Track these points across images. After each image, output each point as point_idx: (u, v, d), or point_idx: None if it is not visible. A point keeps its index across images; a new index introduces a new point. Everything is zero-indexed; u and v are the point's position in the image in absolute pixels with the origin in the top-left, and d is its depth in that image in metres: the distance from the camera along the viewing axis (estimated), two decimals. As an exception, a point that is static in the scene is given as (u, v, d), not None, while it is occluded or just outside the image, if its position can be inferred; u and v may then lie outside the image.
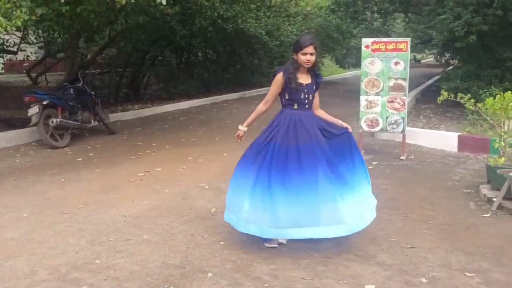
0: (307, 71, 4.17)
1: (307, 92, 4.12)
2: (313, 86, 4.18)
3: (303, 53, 4.04)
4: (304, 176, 3.91)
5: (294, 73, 4.10)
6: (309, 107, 4.18)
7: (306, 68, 4.13)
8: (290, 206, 3.87)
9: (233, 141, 8.77)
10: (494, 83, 10.61)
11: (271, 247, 4.14)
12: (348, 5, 17.28)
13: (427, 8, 13.86)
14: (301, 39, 4.12)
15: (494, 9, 10.07)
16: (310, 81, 4.17)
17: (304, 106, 4.14)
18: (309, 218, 3.86)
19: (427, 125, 9.64)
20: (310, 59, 4.04)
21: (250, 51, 19.42)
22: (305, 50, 4.03)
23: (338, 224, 3.87)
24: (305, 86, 4.12)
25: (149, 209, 5.17)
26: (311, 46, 4.02)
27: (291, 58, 4.22)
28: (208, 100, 15.49)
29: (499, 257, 3.97)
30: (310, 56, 4.03)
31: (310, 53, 4.03)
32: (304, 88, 4.11)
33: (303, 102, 4.12)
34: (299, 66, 4.12)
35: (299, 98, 4.10)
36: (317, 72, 4.25)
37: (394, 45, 7.43)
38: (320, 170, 3.92)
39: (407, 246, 4.18)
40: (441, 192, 5.84)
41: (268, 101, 4.25)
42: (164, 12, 10.36)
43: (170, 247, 4.16)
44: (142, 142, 8.88)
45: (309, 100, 4.15)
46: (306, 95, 4.12)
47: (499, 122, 5.88)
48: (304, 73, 4.16)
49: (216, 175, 6.52)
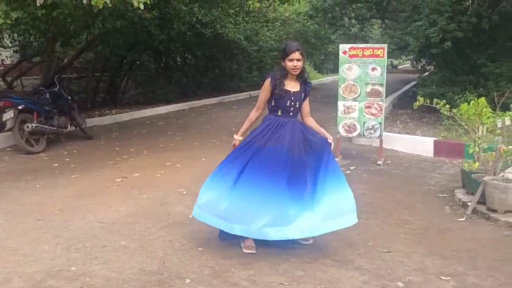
0: (296, 79, 4.20)
1: (294, 100, 4.15)
2: (302, 94, 4.21)
3: (289, 59, 4.08)
4: (271, 179, 3.96)
5: (281, 79, 4.13)
6: (294, 114, 4.20)
7: (294, 75, 4.16)
8: (256, 206, 3.94)
9: (211, 146, 8.82)
10: (468, 89, 10.80)
11: (249, 252, 4.14)
12: (326, 11, 17.43)
13: (403, 15, 14.11)
14: (287, 46, 4.16)
15: (468, 16, 10.27)
16: (298, 88, 4.19)
17: (288, 113, 4.17)
18: (276, 219, 3.92)
19: (404, 130, 9.76)
20: (297, 65, 4.07)
21: (229, 56, 19.43)
22: (292, 56, 4.06)
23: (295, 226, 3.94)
24: (292, 94, 4.15)
25: (126, 215, 5.12)
26: (297, 52, 4.06)
27: (280, 66, 4.24)
28: (186, 105, 15.43)
29: (474, 261, 4.03)
30: (296, 62, 4.07)
31: (297, 59, 4.07)
32: (291, 96, 4.14)
33: (288, 109, 4.15)
34: (287, 73, 4.14)
35: (284, 105, 4.13)
36: (306, 80, 4.27)
37: (371, 51, 7.51)
38: (286, 176, 3.99)
39: (384, 251, 4.22)
40: (417, 197, 5.92)
41: (259, 107, 4.29)
42: (142, 16, 10.31)
43: (147, 253, 4.13)
44: (119, 148, 8.80)
45: (295, 107, 4.17)
46: (293, 102, 4.14)
47: (473, 127, 5.98)
48: (293, 80, 4.19)
49: (194, 180, 6.48)
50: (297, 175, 4.04)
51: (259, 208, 3.95)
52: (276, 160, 4.02)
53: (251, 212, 3.95)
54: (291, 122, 4.16)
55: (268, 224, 3.93)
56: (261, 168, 4.01)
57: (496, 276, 3.73)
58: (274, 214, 3.93)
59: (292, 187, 4.01)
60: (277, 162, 4.01)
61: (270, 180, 3.97)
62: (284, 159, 4.02)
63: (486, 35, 11.33)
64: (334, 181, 4.06)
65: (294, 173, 4.04)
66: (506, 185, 4.99)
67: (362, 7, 17.83)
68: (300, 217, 3.96)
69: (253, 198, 3.96)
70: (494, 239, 4.55)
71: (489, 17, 10.43)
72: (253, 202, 3.96)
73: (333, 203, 3.99)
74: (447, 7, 10.57)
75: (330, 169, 4.07)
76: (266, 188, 3.96)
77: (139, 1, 6.13)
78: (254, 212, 3.95)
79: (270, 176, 3.98)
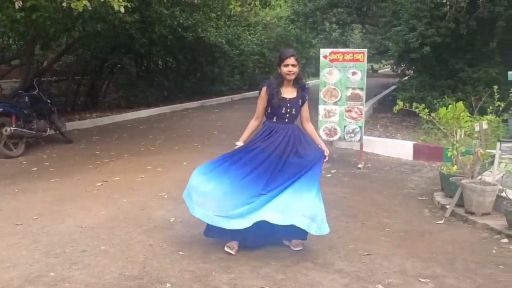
0: (293, 85, 4.26)
1: (290, 107, 4.20)
2: (299, 100, 4.25)
3: (285, 65, 4.16)
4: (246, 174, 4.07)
5: (277, 88, 4.20)
6: (290, 120, 4.24)
7: (291, 81, 4.22)
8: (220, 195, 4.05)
9: (193, 150, 8.80)
10: (447, 93, 10.97)
11: (228, 252, 4.15)
12: (307, 16, 17.56)
13: (383, 20, 14.26)
14: (283, 52, 4.27)
15: (446, 22, 10.44)
16: (295, 95, 4.25)
17: (283, 120, 4.22)
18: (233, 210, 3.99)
19: (384, 134, 9.86)
20: (292, 70, 4.15)
21: (210, 60, 19.41)
22: (286, 62, 4.14)
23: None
24: (288, 101, 4.20)
25: (107, 219, 5.09)
26: (292, 57, 4.15)
27: (276, 73, 4.32)
28: (168, 108, 15.38)
29: (452, 263, 4.09)
30: (292, 67, 4.14)
31: (292, 64, 4.14)
32: (287, 103, 4.19)
33: (284, 116, 4.21)
34: (283, 80, 4.22)
35: (280, 112, 4.19)
36: (304, 86, 4.32)
37: (352, 56, 7.58)
38: (266, 177, 4.05)
39: (364, 253, 4.25)
40: (397, 200, 5.98)
41: (258, 116, 4.35)
42: (123, 19, 10.26)
43: (127, 258, 4.10)
44: (100, 151, 8.73)
45: (291, 114, 4.22)
46: (288, 109, 4.19)
47: (451, 131, 6.07)
48: (289, 86, 4.25)
49: (175, 184, 6.47)
50: (276, 178, 4.05)
51: (222, 198, 4.03)
52: (259, 159, 4.07)
53: (214, 199, 4.04)
54: (287, 128, 4.20)
55: (222, 214, 3.99)
56: (240, 163, 4.11)
57: (473, 278, 3.79)
58: (233, 206, 3.99)
59: (267, 187, 4.03)
60: (260, 161, 4.06)
61: (244, 174, 4.06)
62: (267, 160, 4.06)
63: (464, 41, 11.53)
64: (306, 184, 4.05)
65: (275, 175, 4.05)
66: (483, 188, 5.07)
67: (342, 12, 18.02)
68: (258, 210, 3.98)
69: (221, 187, 4.06)
70: (472, 241, 4.61)
71: (467, 23, 10.61)
72: (220, 190, 4.05)
73: (293, 200, 3.97)
74: (426, 12, 10.74)
75: (309, 175, 4.07)
76: (236, 180, 4.05)
77: (120, 5, 6.11)
78: (217, 200, 4.03)
79: (246, 172, 4.06)
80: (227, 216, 3.98)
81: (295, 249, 4.29)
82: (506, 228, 4.71)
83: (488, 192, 5.05)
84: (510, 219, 4.66)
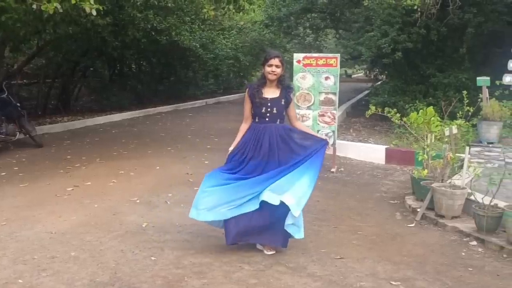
0: (277, 86, 4.34)
1: (271, 106, 4.28)
2: (281, 100, 4.32)
3: (269, 65, 4.26)
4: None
5: (258, 88, 4.32)
6: (271, 120, 4.30)
7: (274, 81, 4.30)
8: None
9: (166, 154, 8.74)
10: (418, 98, 11.15)
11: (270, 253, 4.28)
12: (281, 21, 17.63)
13: (356, 25, 14.43)
14: (268, 52, 4.43)
15: (418, 28, 10.62)
16: (277, 95, 4.32)
17: (264, 119, 4.30)
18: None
19: (357, 138, 9.95)
20: (275, 70, 4.24)
21: (184, 64, 19.33)
22: (271, 62, 4.25)
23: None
24: (269, 100, 4.29)
25: (77, 225, 5.00)
26: (276, 58, 4.25)
27: (261, 73, 4.42)
28: (141, 112, 15.24)
29: (423, 265, 4.14)
30: (275, 68, 4.24)
31: (276, 65, 4.24)
32: (268, 102, 4.28)
33: (264, 115, 4.29)
34: (266, 81, 4.32)
35: (260, 112, 4.29)
36: (287, 86, 4.39)
37: (325, 61, 7.64)
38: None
39: (337, 257, 4.28)
40: (370, 203, 6.03)
41: (246, 117, 4.43)
42: (95, 22, 10.13)
43: (98, 264, 4.04)
44: (71, 156, 8.59)
45: (272, 113, 4.28)
46: (269, 108, 4.28)
47: (422, 135, 6.16)
48: (272, 87, 4.34)
49: (148, 189, 6.42)
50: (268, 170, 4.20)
51: (229, 196, 4.19)
52: (250, 170, 4.23)
53: (222, 199, 4.20)
54: (269, 127, 4.28)
55: (233, 206, 4.17)
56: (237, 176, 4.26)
57: (443, 280, 3.84)
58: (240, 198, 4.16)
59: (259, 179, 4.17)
60: (251, 171, 4.23)
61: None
62: (261, 169, 4.20)
63: (434, 46, 11.75)
64: (300, 171, 4.18)
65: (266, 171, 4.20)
66: (453, 191, 5.16)
67: (316, 17, 18.16)
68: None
69: (225, 190, 4.22)
70: (442, 244, 4.68)
71: (437, 29, 10.82)
72: (224, 193, 4.21)
73: (289, 183, 4.12)
74: (397, 18, 10.91)
75: (309, 162, 4.20)
76: (237, 182, 4.22)
77: (92, 7, 6.02)
78: (224, 198, 4.20)
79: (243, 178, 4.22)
80: (238, 205, 4.15)
81: (268, 253, 4.29)
82: (475, 230, 4.79)
83: (458, 195, 5.14)
84: (478, 222, 4.75)
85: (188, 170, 7.47)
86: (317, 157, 4.25)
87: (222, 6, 8.54)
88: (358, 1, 13.30)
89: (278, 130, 4.28)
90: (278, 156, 4.20)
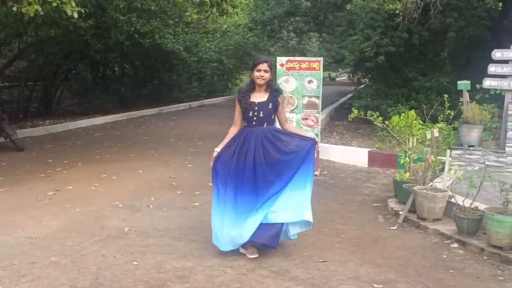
0: (265, 90, 4.41)
1: (258, 110, 4.34)
2: (269, 104, 4.38)
3: (257, 70, 4.34)
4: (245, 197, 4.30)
5: (246, 93, 4.41)
6: (258, 123, 4.36)
7: (262, 86, 4.38)
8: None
9: (149, 158, 8.69)
10: (401, 101, 11.25)
11: (253, 257, 4.29)
12: (265, 24, 17.68)
13: (339, 29, 14.53)
14: (257, 58, 4.51)
15: (400, 32, 10.72)
16: (265, 99, 4.38)
17: (251, 123, 4.38)
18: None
19: (340, 141, 9.99)
20: (263, 75, 4.32)
21: (168, 67, 19.27)
22: (259, 67, 4.33)
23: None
24: (256, 104, 4.36)
25: (58, 229, 4.95)
26: (264, 63, 4.34)
27: (250, 78, 4.51)
28: (124, 115, 15.15)
29: (404, 268, 4.17)
30: (264, 73, 4.32)
31: (264, 70, 4.32)
32: (255, 106, 4.35)
33: (251, 119, 4.36)
34: (255, 86, 4.39)
35: (248, 116, 4.37)
36: (275, 90, 4.45)
37: (308, 64, 7.66)
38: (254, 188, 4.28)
39: (319, 260, 4.29)
40: (352, 206, 6.06)
41: (235, 121, 4.50)
42: (77, 25, 10.06)
43: (79, 269, 4.00)
44: (53, 159, 8.49)
45: (259, 117, 4.34)
46: (256, 112, 4.34)
47: (404, 138, 6.20)
48: (260, 91, 4.42)
49: (130, 192, 6.37)
50: (264, 179, 4.26)
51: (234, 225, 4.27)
52: (236, 174, 4.29)
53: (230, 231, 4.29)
54: (255, 130, 4.34)
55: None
56: (228, 184, 4.33)
57: (425, 283, 3.87)
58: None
59: (259, 193, 4.26)
60: (237, 176, 4.29)
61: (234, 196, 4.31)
62: (243, 171, 4.26)
63: (417, 50, 11.87)
64: (300, 181, 4.31)
65: (262, 179, 4.26)
66: (434, 194, 5.20)
67: (300, 20, 18.23)
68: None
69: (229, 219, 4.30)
70: (424, 246, 4.72)
71: (419, 33, 10.94)
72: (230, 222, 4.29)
73: (292, 198, 4.27)
74: (380, 22, 11.00)
75: (304, 171, 4.31)
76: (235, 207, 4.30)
77: (73, 10, 5.98)
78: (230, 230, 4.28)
79: (233, 193, 4.31)
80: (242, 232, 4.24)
81: (251, 257, 4.28)
82: (456, 233, 4.84)
83: (439, 198, 5.18)
84: (459, 225, 4.80)
85: (171, 174, 7.44)
86: (309, 161, 4.35)
87: (205, 10, 8.51)
88: (341, 5, 13.40)
89: (264, 133, 4.33)
90: (265, 157, 4.26)
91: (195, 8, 8.83)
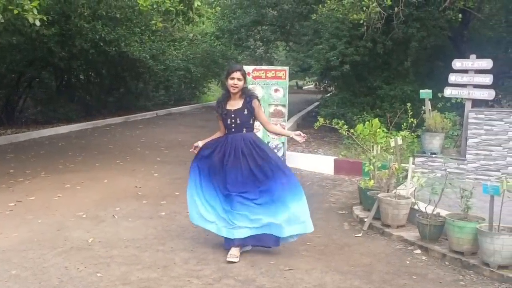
0: (240, 97, 4.58)
1: (235, 117, 4.55)
2: (244, 110, 4.54)
3: (231, 78, 4.53)
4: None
5: (222, 101, 4.62)
6: (237, 130, 4.57)
7: (237, 94, 4.55)
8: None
9: (114, 167, 8.58)
10: (366, 109, 11.41)
11: (230, 260, 4.37)
12: (232, 33, 17.72)
13: (305, 38, 14.65)
14: (230, 67, 4.75)
15: (364, 41, 10.89)
16: (240, 106, 4.57)
17: (230, 130, 4.59)
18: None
19: (307, 149, 10.06)
20: (237, 83, 4.51)
21: (134, 75, 19.06)
22: (232, 75, 4.52)
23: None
24: (232, 112, 4.57)
25: (19, 242, 4.83)
26: (238, 72, 4.53)
27: (225, 86, 4.70)
28: (89, 124, 14.89)
29: (369, 275, 4.22)
30: (237, 81, 4.51)
31: (237, 78, 4.51)
32: (232, 114, 4.56)
33: (230, 126, 4.57)
34: (230, 94, 4.58)
35: (227, 123, 4.58)
36: (249, 96, 4.60)
37: (274, 73, 7.74)
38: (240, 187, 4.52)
39: (286, 268, 4.30)
40: (318, 214, 6.09)
41: (220, 129, 4.74)
42: (40, 32, 9.89)
43: (41, 282, 3.91)
44: (14, 169, 8.28)
45: (237, 123, 4.55)
46: (233, 119, 4.55)
47: (369, 146, 6.30)
48: (236, 99, 4.61)
49: (95, 203, 6.27)
50: (236, 180, 4.50)
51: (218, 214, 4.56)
52: (219, 171, 4.57)
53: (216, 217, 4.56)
54: (235, 136, 4.56)
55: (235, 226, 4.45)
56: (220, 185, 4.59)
57: (389, 289, 3.93)
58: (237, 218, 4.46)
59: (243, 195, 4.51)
60: (214, 179, 4.61)
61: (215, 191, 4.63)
62: (218, 174, 4.57)
63: (381, 59, 12.08)
64: (293, 193, 4.52)
65: (244, 182, 4.50)
66: (398, 201, 5.29)
67: (267, 29, 18.35)
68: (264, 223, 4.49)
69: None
70: (388, 253, 4.79)
71: (383, 43, 11.14)
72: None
73: (292, 212, 4.47)
74: (345, 32, 11.17)
75: (290, 183, 4.56)
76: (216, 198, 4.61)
77: (35, 17, 5.87)
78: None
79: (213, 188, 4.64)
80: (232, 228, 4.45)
81: (228, 259, 4.38)
82: (419, 239, 4.93)
83: (402, 205, 5.28)
84: (422, 231, 4.89)
85: (137, 183, 7.35)
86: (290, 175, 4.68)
87: (171, 18, 8.47)
88: (307, 15, 13.53)
89: (244, 140, 4.53)
90: (248, 161, 4.49)
91: (160, 17, 8.78)
